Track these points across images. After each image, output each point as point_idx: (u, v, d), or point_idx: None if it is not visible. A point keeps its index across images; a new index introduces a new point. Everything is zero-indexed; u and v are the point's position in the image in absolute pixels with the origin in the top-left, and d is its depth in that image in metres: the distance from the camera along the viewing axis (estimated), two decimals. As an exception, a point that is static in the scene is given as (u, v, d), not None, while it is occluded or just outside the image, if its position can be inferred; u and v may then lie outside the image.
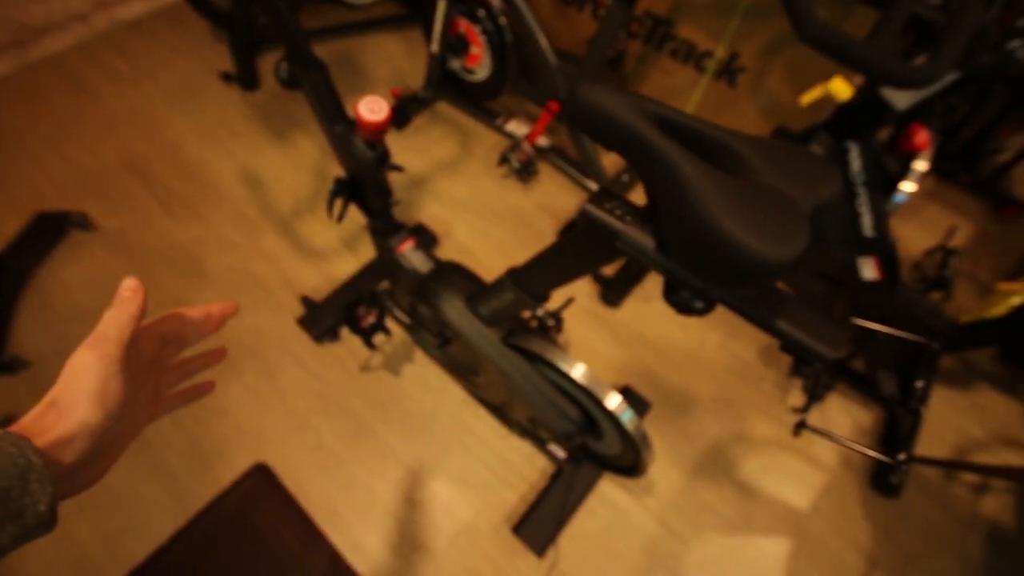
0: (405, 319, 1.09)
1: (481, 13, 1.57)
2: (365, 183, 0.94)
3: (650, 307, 1.55)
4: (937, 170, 1.96)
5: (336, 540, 1.15)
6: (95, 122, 1.79)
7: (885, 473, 1.30)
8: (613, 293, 1.52)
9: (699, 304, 0.49)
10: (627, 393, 1.36)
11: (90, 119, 1.80)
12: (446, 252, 1.60)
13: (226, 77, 1.91)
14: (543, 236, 1.66)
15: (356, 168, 0.90)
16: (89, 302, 1.42)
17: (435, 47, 1.69)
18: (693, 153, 0.41)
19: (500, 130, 1.81)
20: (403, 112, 1.87)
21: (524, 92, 1.80)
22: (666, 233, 0.47)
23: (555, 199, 1.74)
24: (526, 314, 1.06)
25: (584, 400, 0.97)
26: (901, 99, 0.88)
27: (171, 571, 1.11)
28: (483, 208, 1.71)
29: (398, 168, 0.98)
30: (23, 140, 1.72)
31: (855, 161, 0.98)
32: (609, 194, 0.53)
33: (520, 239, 1.65)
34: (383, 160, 0.86)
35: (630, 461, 1.04)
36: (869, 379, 1.38)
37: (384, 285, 1.21)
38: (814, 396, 1.23)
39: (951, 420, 1.45)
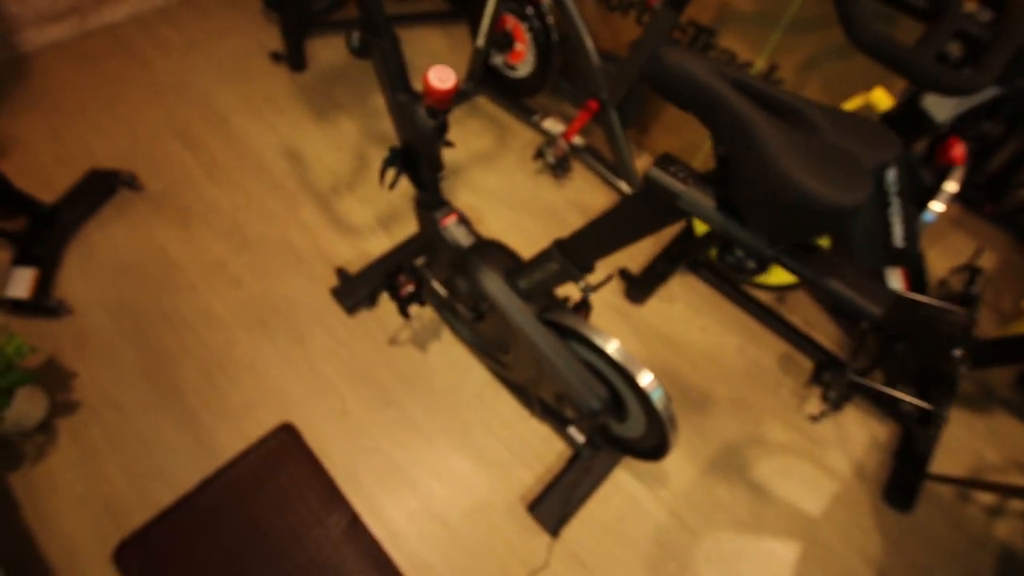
0: (442, 292, 1.12)
1: (529, 11, 1.63)
2: (420, 154, 0.98)
3: (673, 308, 1.58)
4: (963, 198, 1.99)
5: (356, 504, 1.18)
6: (146, 89, 1.85)
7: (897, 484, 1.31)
8: (637, 290, 1.55)
9: (752, 264, 0.53)
10: (647, 386, 1.38)
11: (141, 86, 1.86)
12: (477, 238, 1.64)
13: (275, 56, 1.98)
14: (570, 229, 1.69)
15: (415, 137, 0.94)
16: (132, 258, 1.47)
17: (481, 41, 1.74)
18: (765, 112, 0.45)
19: (537, 127, 1.85)
20: (442, 103, 1.93)
21: (563, 91, 1.85)
22: (733, 189, 0.50)
23: (586, 196, 1.78)
24: (566, 290, 1.09)
25: (613, 378, 1.00)
26: (941, 111, 0.91)
27: (194, 519, 1.14)
28: (515, 200, 1.75)
29: (450, 143, 1.02)
30: (79, 100, 1.79)
31: (891, 171, 1.01)
32: (673, 159, 0.56)
33: (549, 232, 1.69)
34: (442, 131, 0.91)
35: (651, 443, 1.06)
36: (887, 395, 1.40)
37: (421, 261, 1.25)
38: (829, 398, 1.26)
39: (967, 443, 1.46)
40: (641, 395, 0.96)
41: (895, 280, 1.17)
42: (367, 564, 1.11)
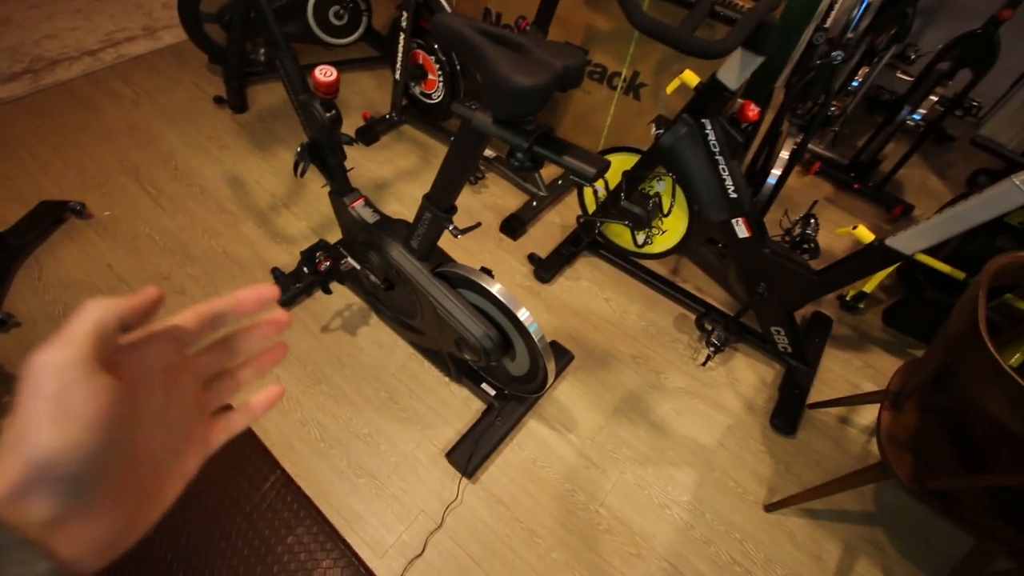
0: (356, 265, 1.30)
1: (435, 45, 1.90)
2: (323, 145, 1.18)
3: (578, 284, 1.78)
4: (833, 179, 2.30)
5: (289, 468, 1.29)
6: (97, 135, 2.04)
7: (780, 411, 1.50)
8: (545, 271, 1.75)
9: (527, 161, 0.73)
10: (553, 345, 1.55)
11: (92, 132, 2.04)
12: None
13: (218, 100, 2.20)
14: (487, 229, 1.90)
15: (316, 129, 1.14)
16: (79, 275, 1.60)
17: (398, 75, 2.01)
18: (495, 44, 0.67)
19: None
20: (372, 131, 2.17)
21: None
22: (485, 98, 0.71)
23: (499, 200, 2.01)
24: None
25: (500, 318, 1.18)
26: (732, 81, 1.16)
27: (136, 492, 1.23)
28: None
29: (352, 139, 1.23)
30: (32, 149, 1.96)
31: (711, 134, 1.25)
32: (469, 99, 0.78)
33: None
34: (337, 121, 1.11)
35: (538, 379, 1.23)
36: (763, 336, 1.60)
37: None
38: (711, 342, 1.45)
39: (845, 377, 1.66)
40: (522, 330, 1.14)
41: (740, 229, 1.40)
42: (299, 517, 1.21)
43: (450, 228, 1.06)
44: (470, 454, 1.30)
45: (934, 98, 1.94)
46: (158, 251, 1.69)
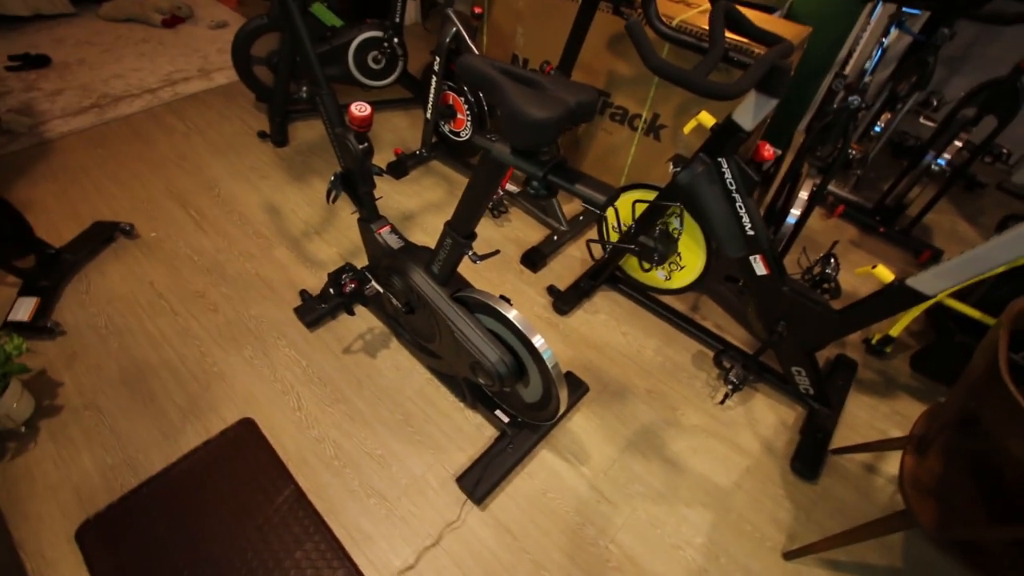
0: (379, 289, 1.35)
1: (464, 87, 2.02)
2: (355, 174, 1.26)
3: (596, 317, 1.79)
4: (858, 223, 2.29)
5: (302, 482, 1.31)
6: (150, 163, 2.20)
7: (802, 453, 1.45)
8: (564, 303, 1.77)
9: (542, 189, 0.77)
10: (568, 376, 1.56)
11: (146, 161, 2.21)
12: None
13: (261, 135, 2.36)
14: (509, 261, 1.95)
15: (349, 159, 1.22)
16: (123, 290, 1.70)
17: (429, 114, 2.13)
18: (513, 82, 0.73)
19: (480, 179, 2.18)
20: (402, 166, 2.28)
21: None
22: (504, 130, 0.77)
23: (521, 233, 2.06)
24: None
25: (516, 344, 1.20)
26: (747, 122, 1.21)
27: (155, 499, 1.26)
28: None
29: (381, 170, 1.31)
30: (91, 174, 2.12)
31: (727, 172, 1.29)
32: (488, 131, 0.84)
33: (490, 262, 1.95)
34: (368, 152, 1.19)
35: (550, 406, 1.23)
36: (784, 376, 1.57)
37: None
38: (730, 380, 1.44)
39: (872, 423, 1.61)
40: (536, 357, 1.16)
41: (758, 266, 1.40)
42: (308, 533, 1.23)
43: (469, 254, 1.10)
44: (481, 484, 1.30)
45: (959, 144, 1.94)
46: (196, 270, 1.79)
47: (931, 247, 2.16)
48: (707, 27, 1.55)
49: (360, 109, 1.08)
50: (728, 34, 1.37)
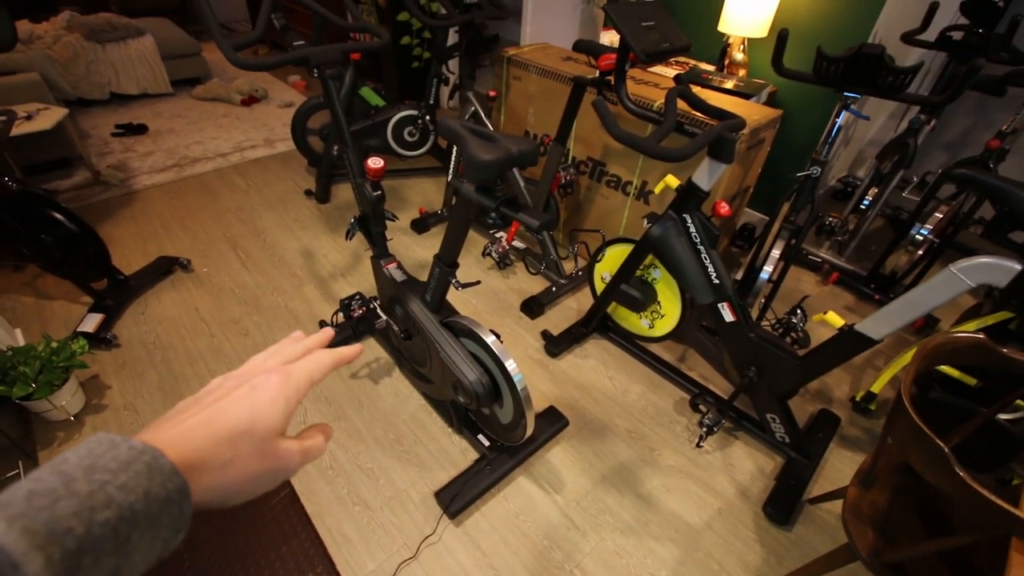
0: (382, 316, 1.55)
1: (482, 155, 2.32)
2: (370, 217, 1.50)
3: (586, 362, 1.91)
4: (854, 291, 2.36)
5: (297, 486, 1.45)
6: (213, 213, 2.57)
7: (777, 497, 1.48)
8: (555, 347, 1.92)
9: (498, 219, 0.97)
10: (549, 409, 1.67)
11: (209, 211, 2.58)
12: (434, 309, 2.09)
13: (308, 193, 2.72)
14: (509, 308, 2.13)
15: (365, 204, 1.47)
16: (172, 313, 1.97)
17: (450, 178, 2.43)
18: (474, 136, 0.96)
19: (491, 236, 2.43)
20: (424, 222, 2.57)
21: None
22: (466, 174, 0.98)
23: (524, 284, 2.25)
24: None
25: (493, 368, 1.35)
26: (704, 182, 1.39)
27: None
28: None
29: (393, 215, 1.55)
30: (163, 219, 2.50)
31: (692, 227, 1.46)
32: (457, 176, 1.06)
33: (492, 308, 2.13)
34: (381, 198, 1.44)
35: (520, 428, 1.35)
36: (762, 424, 1.63)
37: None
38: (704, 423, 1.53)
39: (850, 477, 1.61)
40: (508, 379, 1.30)
41: (726, 313, 1.52)
42: (295, 531, 1.36)
43: (453, 282, 1.30)
44: (455, 495, 1.40)
45: (939, 215, 2.04)
46: (236, 301, 2.05)
47: (927, 315, 2.19)
48: (681, 108, 1.79)
49: (375, 162, 1.34)
50: (693, 112, 1.60)
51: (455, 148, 2.32)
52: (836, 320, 1.34)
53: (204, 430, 0.29)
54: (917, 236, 2.08)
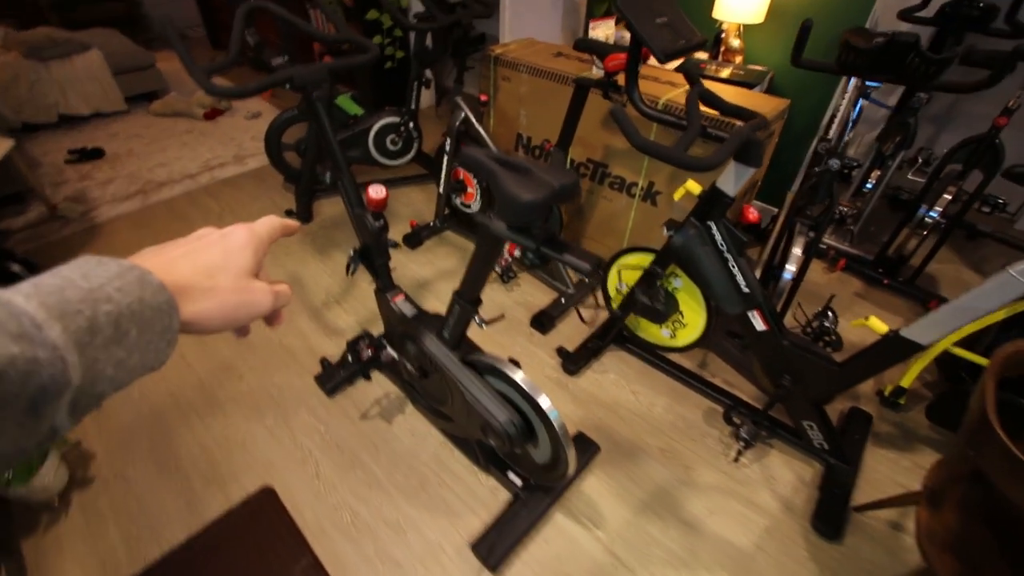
0: (394, 355, 1.42)
1: (475, 164, 2.19)
2: (372, 249, 1.37)
3: (606, 377, 1.83)
4: (862, 276, 2.33)
5: (319, 552, 1.32)
6: (187, 243, 2.38)
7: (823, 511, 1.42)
8: (572, 364, 1.82)
9: (536, 258, 0.86)
10: (579, 436, 1.57)
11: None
12: (440, 333, 1.97)
13: (288, 213, 2.55)
14: (519, 324, 2.02)
15: (367, 236, 1.34)
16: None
17: (441, 189, 2.29)
18: (506, 169, 0.84)
19: (490, 246, 2.31)
20: (417, 237, 2.43)
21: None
22: (499, 212, 0.86)
23: (530, 297, 2.15)
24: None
25: (524, 406, 1.24)
26: (729, 188, 1.30)
27: (178, 571, 1.29)
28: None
29: (394, 243, 1.42)
30: (132, 252, 2.30)
31: (717, 235, 1.37)
32: (486, 210, 0.94)
33: (501, 326, 2.02)
34: (384, 229, 1.31)
35: (560, 467, 1.25)
36: (798, 431, 1.57)
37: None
38: (741, 436, 1.45)
39: (892, 478, 1.57)
40: (544, 418, 1.20)
41: (757, 321, 1.45)
42: (324, 603, 1.23)
43: (476, 319, 1.18)
44: (494, 546, 1.30)
45: (948, 196, 2.01)
46: (225, 343, 1.89)
47: (938, 297, 2.17)
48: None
49: (377, 192, 1.21)
50: (707, 111, 1.50)
51: (445, 156, 2.19)
52: (879, 326, 1.27)
53: (186, 261, 0.34)
54: (926, 219, 2.05)
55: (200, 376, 1.77)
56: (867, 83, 1.37)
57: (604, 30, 1.91)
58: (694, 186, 1.38)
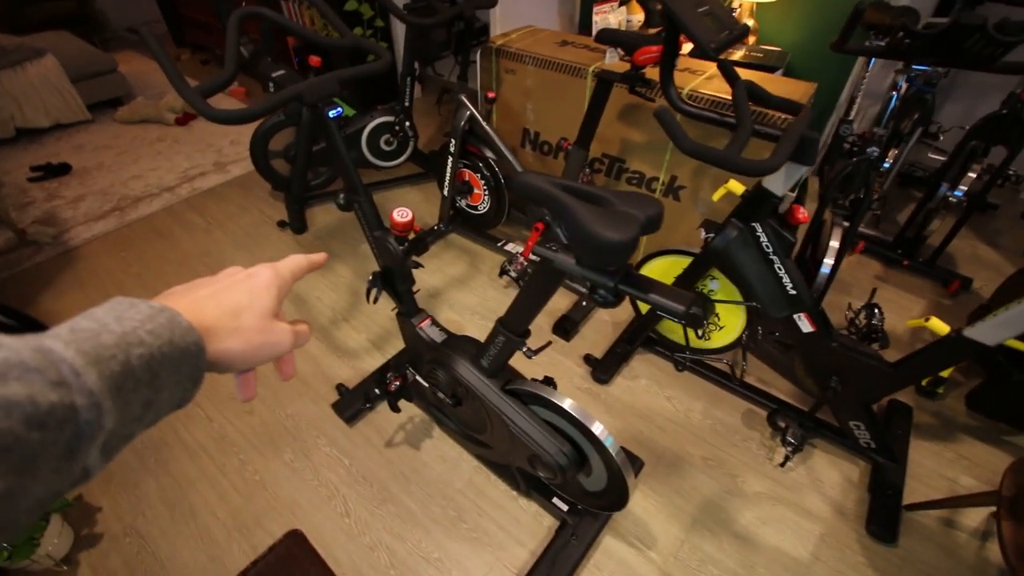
0: (424, 384, 1.32)
1: (480, 164, 2.06)
2: (394, 272, 1.26)
3: (637, 383, 1.75)
4: (881, 257, 2.28)
5: (360, 600, 1.24)
6: (173, 262, 2.22)
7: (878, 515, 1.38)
8: (602, 372, 1.74)
9: (610, 296, 0.76)
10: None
11: (170, 259, 2.23)
12: (458, 346, 1.87)
13: (281, 224, 2.39)
14: (539, 331, 1.93)
15: (389, 260, 1.22)
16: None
17: (446, 191, 2.16)
18: (578, 199, 0.73)
19: (501, 250, 2.20)
20: (422, 242, 2.29)
21: (518, 220, 2.24)
22: (572, 249, 0.76)
23: (551, 301, 2.05)
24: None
25: (574, 435, 1.16)
26: (777, 188, 1.21)
27: (207, 635, 1.19)
28: (489, 311, 2.01)
29: (419, 264, 1.31)
30: (115, 278, 2.14)
31: (763, 236, 1.29)
32: (548, 240, 0.83)
33: (521, 333, 1.92)
34: (408, 253, 1.19)
35: (617, 495, 1.18)
36: (844, 431, 1.52)
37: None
38: (788, 440, 1.39)
39: (939, 471, 1.54)
40: (598, 445, 1.11)
41: (804, 324, 1.38)
42: (373, 659, 1.14)
43: (523, 350, 1.08)
44: (548, 581, 1.22)
45: (972, 175, 1.96)
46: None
47: (959, 276, 2.14)
48: (718, 95, 1.60)
49: (402, 215, 1.09)
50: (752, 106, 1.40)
51: (449, 158, 2.05)
52: (940, 327, 1.21)
53: (212, 301, 0.35)
54: (951, 198, 1.99)
55: (207, 411, 1.64)
56: (914, 67, 1.28)
57: (615, 16, 1.79)
58: (736, 186, 1.29)
